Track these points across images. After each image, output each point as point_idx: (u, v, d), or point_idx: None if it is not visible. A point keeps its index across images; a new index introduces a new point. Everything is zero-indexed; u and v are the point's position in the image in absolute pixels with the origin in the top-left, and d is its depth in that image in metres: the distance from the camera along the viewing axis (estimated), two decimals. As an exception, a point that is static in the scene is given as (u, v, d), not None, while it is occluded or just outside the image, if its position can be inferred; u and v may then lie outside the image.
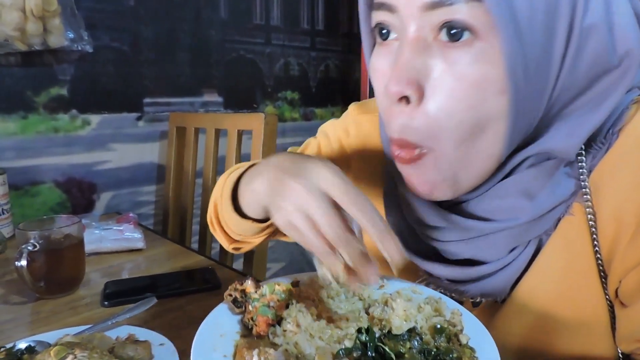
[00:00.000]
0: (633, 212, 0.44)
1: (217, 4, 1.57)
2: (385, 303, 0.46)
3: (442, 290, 0.54)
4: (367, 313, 0.47)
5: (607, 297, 0.48)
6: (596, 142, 0.46)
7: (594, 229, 0.46)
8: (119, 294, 0.78)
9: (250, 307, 0.46)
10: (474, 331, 0.43)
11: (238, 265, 1.32)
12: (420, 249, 0.55)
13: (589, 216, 0.46)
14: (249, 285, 0.48)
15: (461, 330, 0.42)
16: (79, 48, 1.21)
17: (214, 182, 1.28)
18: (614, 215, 0.45)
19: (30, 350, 0.55)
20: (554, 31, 0.39)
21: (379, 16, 0.44)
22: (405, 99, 0.42)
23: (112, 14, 1.33)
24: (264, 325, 0.44)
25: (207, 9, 1.55)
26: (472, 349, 0.40)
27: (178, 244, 1.10)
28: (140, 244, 1.02)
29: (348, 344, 0.41)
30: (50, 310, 0.75)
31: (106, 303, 0.75)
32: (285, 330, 0.43)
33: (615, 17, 0.41)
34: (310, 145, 0.75)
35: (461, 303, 0.54)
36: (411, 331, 0.41)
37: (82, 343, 0.53)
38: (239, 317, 0.47)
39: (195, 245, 1.36)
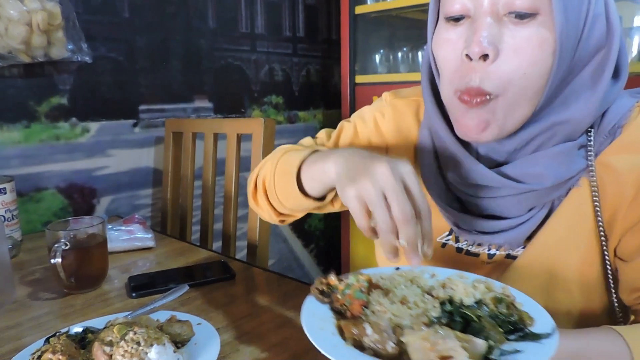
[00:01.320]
0: (631, 184, 0.58)
1: (205, 14, 1.65)
2: (443, 286, 0.56)
3: (467, 243, 0.67)
4: (431, 295, 0.55)
5: (604, 256, 0.61)
6: (602, 134, 0.60)
7: (596, 199, 0.60)
8: (145, 286, 0.85)
9: (339, 296, 0.54)
10: (521, 299, 0.53)
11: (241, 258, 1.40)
12: (453, 205, 0.66)
13: (593, 189, 0.60)
14: (332, 278, 0.56)
15: (515, 299, 0.52)
16: (79, 59, 1.27)
17: (214, 183, 1.36)
18: (616, 188, 0.59)
19: (87, 332, 0.62)
20: (580, 13, 0.53)
21: (453, 1, 0.56)
22: (483, 57, 0.54)
23: (108, 26, 1.39)
24: (359, 307, 0.51)
25: (197, 19, 1.62)
26: (527, 312, 0.50)
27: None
28: (151, 243, 1.10)
29: (435, 313, 0.50)
30: (82, 304, 0.82)
31: (134, 294, 0.83)
32: (373, 312, 0.51)
33: (609, 6, 0.56)
34: (345, 128, 0.82)
35: (477, 255, 0.67)
36: (478, 302, 0.51)
37: (137, 322, 0.60)
38: (327, 306, 0.55)
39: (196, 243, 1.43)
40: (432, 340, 0.44)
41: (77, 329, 0.64)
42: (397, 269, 0.63)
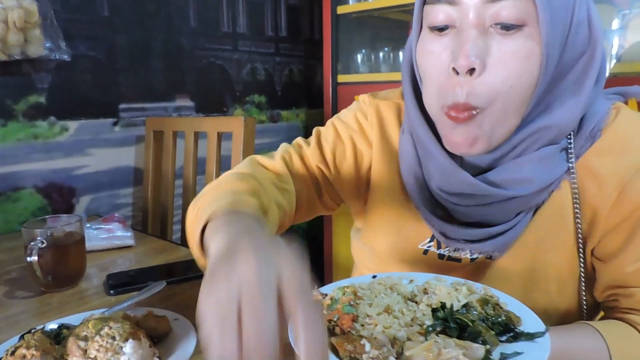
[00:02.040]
0: (614, 187, 0.58)
1: (187, 13, 1.64)
2: (425, 292, 0.56)
3: (455, 251, 0.66)
4: (415, 302, 0.54)
5: (580, 257, 0.62)
6: (582, 137, 0.60)
7: (577, 201, 0.61)
8: (123, 284, 0.85)
9: (326, 312, 0.52)
10: (505, 299, 0.53)
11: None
12: (437, 213, 0.65)
13: (574, 191, 0.61)
14: (316, 295, 0.55)
15: (498, 299, 0.53)
16: (57, 57, 1.25)
17: (195, 182, 1.36)
18: (598, 190, 0.59)
19: (62, 328, 0.62)
20: (565, 22, 0.53)
21: (437, 10, 0.55)
22: (470, 71, 0.53)
23: (88, 24, 1.38)
24: (349, 322, 0.50)
25: (178, 18, 1.62)
26: (513, 312, 0.50)
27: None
28: (130, 241, 1.09)
29: (428, 322, 0.49)
30: (59, 302, 0.81)
31: (112, 292, 0.83)
32: (362, 325, 0.50)
33: (592, 13, 0.57)
34: (324, 132, 0.77)
35: (459, 261, 0.67)
36: (465, 306, 0.50)
37: (113, 317, 0.61)
38: None
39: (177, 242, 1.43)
40: (434, 351, 0.43)
41: (53, 325, 0.64)
42: (374, 277, 0.62)
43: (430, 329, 0.48)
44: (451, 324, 0.47)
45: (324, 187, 0.75)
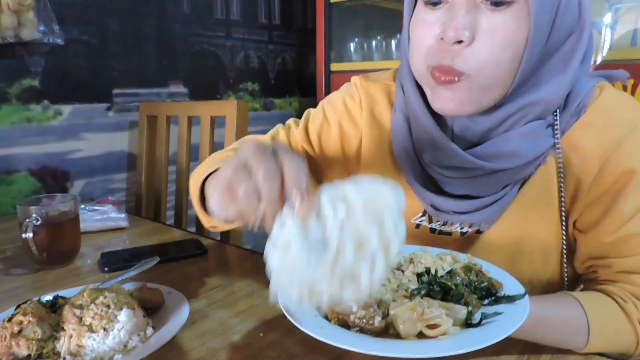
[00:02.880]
0: (596, 160, 0.61)
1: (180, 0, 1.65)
2: (411, 261, 0.58)
3: (441, 223, 0.69)
4: (401, 271, 0.56)
5: (562, 229, 0.65)
6: (567, 113, 0.63)
7: (561, 176, 0.63)
8: (117, 261, 0.86)
9: None
10: (487, 267, 0.56)
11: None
12: (428, 187, 0.68)
13: (559, 166, 0.63)
14: None
15: (481, 267, 0.55)
16: (50, 41, 1.26)
17: (188, 167, 1.37)
18: (581, 164, 0.62)
19: (58, 298, 0.64)
20: (555, 1, 0.56)
21: None
22: (458, 42, 0.56)
23: (82, 8, 1.39)
24: None
25: (171, 4, 1.62)
26: (495, 278, 0.53)
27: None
28: (124, 223, 1.11)
29: (413, 286, 0.52)
30: (54, 278, 0.83)
31: (106, 269, 0.84)
32: None
33: None
34: (313, 114, 0.82)
35: (450, 234, 0.70)
36: (450, 272, 0.53)
37: (108, 288, 0.62)
38: None
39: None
40: (418, 310, 0.46)
41: (48, 297, 0.66)
42: None
43: (415, 292, 0.51)
44: (435, 287, 0.50)
45: (309, 167, 0.77)
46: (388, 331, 0.48)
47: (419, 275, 0.53)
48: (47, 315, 0.58)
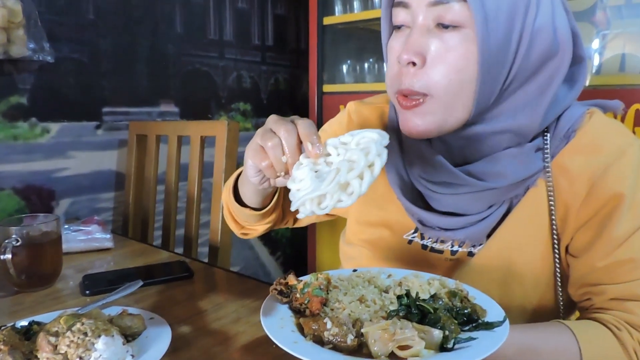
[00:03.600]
0: (584, 184, 0.62)
1: (173, 19, 1.65)
2: (400, 285, 0.59)
3: (431, 239, 0.71)
4: (387, 292, 0.58)
5: (555, 254, 0.65)
6: (557, 138, 0.64)
7: (551, 199, 0.64)
8: (98, 284, 0.84)
9: (298, 295, 0.55)
10: (474, 293, 0.56)
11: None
12: (417, 203, 0.70)
13: (549, 189, 0.64)
14: (291, 278, 0.58)
15: (468, 293, 0.55)
16: (40, 58, 1.25)
17: (177, 187, 1.35)
18: (569, 187, 0.63)
19: (33, 324, 0.61)
20: (512, 27, 0.57)
21: (397, 12, 0.62)
22: (412, 64, 0.59)
23: (73, 27, 1.38)
24: (318, 305, 0.53)
25: (165, 24, 1.62)
26: (479, 305, 0.53)
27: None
28: (109, 244, 1.08)
29: (392, 307, 0.52)
30: (32, 301, 0.80)
31: (87, 292, 0.81)
32: (332, 309, 0.54)
33: (557, 21, 0.60)
34: None
35: (441, 252, 0.71)
36: (433, 296, 0.53)
37: (86, 314, 0.60)
38: (286, 305, 0.56)
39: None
40: (390, 330, 0.46)
41: (24, 323, 0.63)
42: (355, 270, 0.66)
43: (393, 313, 0.51)
44: (413, 309, 0.50)
45: None
46: (361, 350, 0.48)
47: (399, 297, 0.53)
48: (20, 343, 0.55)
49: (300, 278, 0.59)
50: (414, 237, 0.73)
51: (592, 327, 0.60)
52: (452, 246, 0.70)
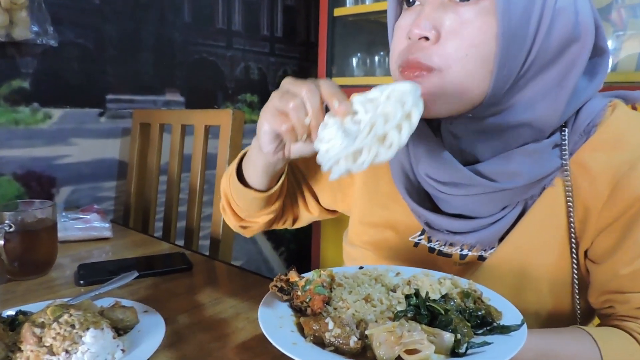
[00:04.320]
0: (606, 184, 0.56)
1: (181, 7, 1.62)
2: (408, 283, 0.55)
3: (439, 242, 0.65)
4: (395, 292, 0.54)
5: (573, 258, 0.60)
6: (576, 133, 0.58)
7: (570, 199, 0.58)
8: (94, 275, 0.81)
9: (299, 293, 0.52)
10: (488, 294, 0.52)
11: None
12: (424, 205, 0.65)
13: (567, 189, 0.58)
14: (292, 275, 0.54)
15: (482, 294, 0.52)
16: (44, 42, 1.22)
17: (179, 177, 1.32)
18: (590, 187, 0.57)
19: (19, 314, 0.58)
20: (532, 2, 0.52)
21: None
22: (424, 39, 0.54)
23: (78, 11, 1.35)
24: (320, 303, 0.50)
25: (171, 11, 1.59)
26: (494, 306, 0.49)
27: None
28: (107, 233, 1.05)
29: (400, 307, 0.49)
30: (25, 290, 0.77)
31: (82, 282, 0.78)
32: (335, 308, 0.50)
33: (579, 4, 0.55)
34: None
35: (449, 256, 0.66)
36: (445, 296, 0.50)
37: (75, 305, 0.57)
38: (286, 303, 0.53)
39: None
40: (397, 333, 0.42)
41: (11, 312, 0.60)
42: (361, 267, 0.62)
43: (401, 314, 0.47)
44: (422, 310, 0.47)
45: (306, 191, 0.80)
46: (365, 353, 0.44)
47: (407, 297, 0.49)
48: (3, 334, 0.52)
49: (303, 275, 0.55)
50: (420, 240, 0.68)
51: (614, 335, 0.56)
52: (462, 250, 0.65)
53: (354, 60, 1.91)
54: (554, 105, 0.56)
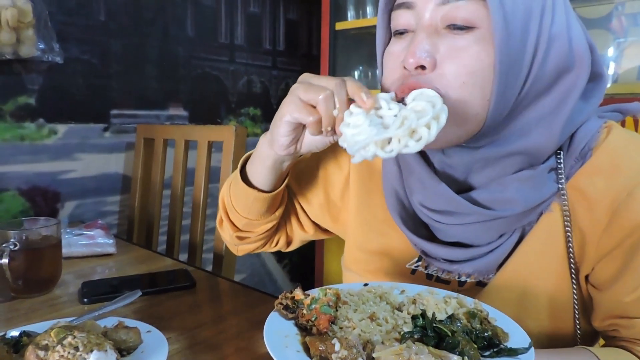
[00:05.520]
0: (605, 210, 0.55)
1: (184, 22, 1.64)
2: (414, 302, 0.55)
3: (437, 270, 0.64)
4: (401, 312, 0.54)
5: (572, 283, 0.59)
6: (572, 157, 0.58)
7: (568, 225, 0.57)
8: (98, 292, 0.81)
9: (304, 311, 0.52)
10: (494, 315, 0.52)
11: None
12: (420, 233, 0.64)
13: (565, 214, 0.57)
14: (298, 293, 0.54)
15: (488, 314, 0.51)
16: (49, 59, 1.24)
17: (183, 192, 1.33)
18: (588, 213, 0.57)
19: (23, 335, 0.58)
20: (528, 30, 0.52)
21: (399, 15, 0.57)
22: (421, 68, 0.53)
23: (83, 28, 1.37)
24: (326, 323, 0.50)
25: (175, 26, 1.61)
26: (500, 327, 0.49)
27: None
28: (111, 249, 1.06)
29: (407, 328, 0.48)
30: (28, 308, 0.78)
31: (85, 300, 0.79)
32: (341, 328, 0.50)
33: (572, 31, 0.55)
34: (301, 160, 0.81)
35: (448, 282, 0.65)
36: (451, 317, 0.49)
37: (79, 326, 0.57)
38: (291, 322, 0.53)
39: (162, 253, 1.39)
40: (404, 356, 0.42)
41: (15, 333, 0.60)
42: (366, 284, 0.62)
43: (407, 335, 0.47)
44: (429, 332, 0.46)
45: (299, 209, 0.79)
46: None
47: (413, 318, 0.49)
48: (7, 356, 0.52)
49: (308, 292, 0.55)
50: (417, 267, 0.67)
51: (620, 356, 0.55)
52: (460, 277, 0.64)
53: (356, 73, 1.92)
54: (549, 132, 0.55)
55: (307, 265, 2.20)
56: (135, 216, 1.42)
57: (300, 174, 0.79)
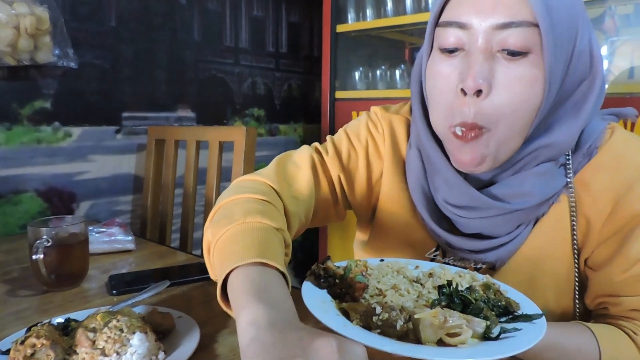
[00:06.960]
0: (607, 203, 0.63)
1: (191, 27, 1.69)
2: (430, 275, 0.59)
3: (460, 260, 0.69)
4: (420, 284, 0.57)
5: (575, 266, 0.66)
6: (579, 154, 0.64)
7: (574, 214, 0.64)
8: (125, 284, 0.86)
9: (336, 280, 0.55)
10: (505, 288, 0.57)
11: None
12: (442, 225, 0.69)
13: (571, 205, 0.65)
14: (329, 264, 0.57)
15: (499, 287, 0.56)
16: (64, 64, 1.28)
17: (195, 190, 1.38)
18: (592, 204, 0.64)
19: (70, 321, 0.64)
20: (568, 50, 0.57)
21: (449, 33, 0.58)
22: (477, 92, 0.55)
23: (95, 34, 1.42)
24: (361, 291, 0.53)
25: (183, 31, 1.66)
26: (512, 298, 0.53)
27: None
28: (131, 246, 1.11)
29: (434, 296, 0.53)
30: (62, 300, 0.83)
31: (115, 292, 0.84)
32: (371, 296, 0.53)
33: (592, 42, 0.61)
34: (337, 141, 0.78)
35: (464, 268, 0.70)
36: (469, 288, 0.54)
37: (119, 312, 0.62)
38: (324, 291, 0.55)
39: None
40: (440, 318, 0.46)
41: (59, 320, 0.66)
42: (382, 260, 0.65)
43: (436, 302, 0.51)
44: (456, 299, 0.51)
45: (340, 195, 0.78)
46: (408, 337, 0.47)
47: (439, 287, 0.54)
48: (59, 339, 0.58)
49: (337, 264, 0.58)
50: (436, 256, 0.73)
51: (610, 331, 0.62)
52: (477, 264, 0.70)
53: (357, 74, 1.98)
54: (570, 131, 0.61)
55: (311, 262, 2.25)
56: (148, 214, 1.47)
57: (349, 171, 0.78)
